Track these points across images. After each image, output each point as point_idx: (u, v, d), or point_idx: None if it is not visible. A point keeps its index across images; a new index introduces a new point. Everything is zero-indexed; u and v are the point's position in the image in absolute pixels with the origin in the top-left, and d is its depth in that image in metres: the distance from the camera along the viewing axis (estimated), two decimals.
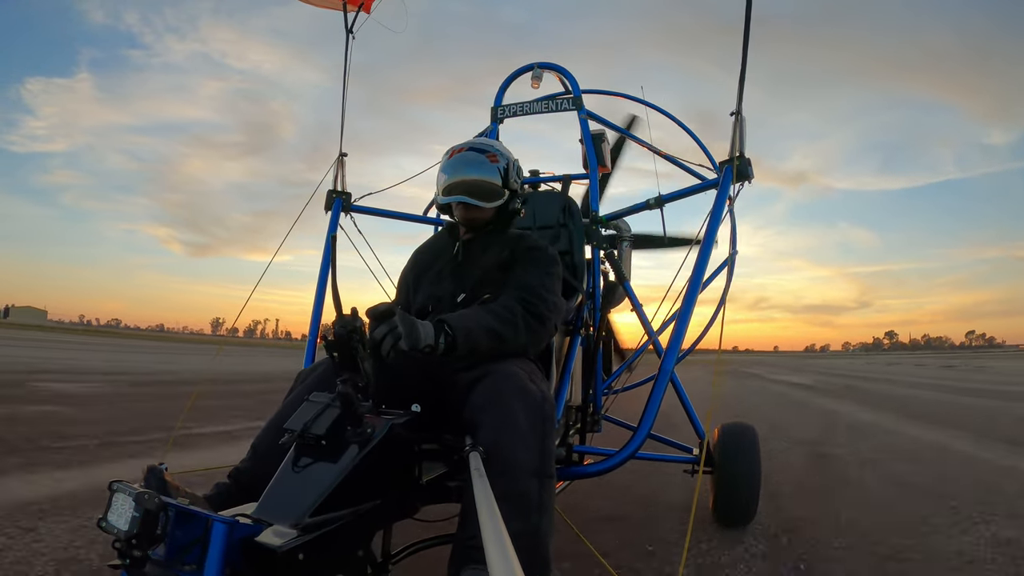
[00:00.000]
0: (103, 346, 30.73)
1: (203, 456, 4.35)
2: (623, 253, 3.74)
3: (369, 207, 3.46)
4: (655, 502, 3.50)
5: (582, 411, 2.76)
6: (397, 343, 1.50)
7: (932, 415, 8.57)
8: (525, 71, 3.50)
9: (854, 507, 3.42)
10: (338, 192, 3.36)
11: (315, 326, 3.07)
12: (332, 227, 3.27)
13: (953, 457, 5.18)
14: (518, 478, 1.47)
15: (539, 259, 2.05)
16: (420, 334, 1.57)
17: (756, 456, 2.94)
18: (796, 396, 12.90)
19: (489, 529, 0.85)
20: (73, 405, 7.04)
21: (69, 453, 4.28)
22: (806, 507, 3.44)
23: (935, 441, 6.06)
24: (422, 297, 2.13)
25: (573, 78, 3.46)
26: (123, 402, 7.85)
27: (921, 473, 4.44)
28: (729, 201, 2.74)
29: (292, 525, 1.16)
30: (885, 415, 8.67)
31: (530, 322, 1.82)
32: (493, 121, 3.46)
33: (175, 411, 6.52)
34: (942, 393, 13.05)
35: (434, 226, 3.70)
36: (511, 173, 2.14)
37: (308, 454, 1.34)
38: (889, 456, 5.21)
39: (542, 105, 3.49)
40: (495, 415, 1.53)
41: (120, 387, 10.01)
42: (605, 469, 2.28)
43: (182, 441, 5.04)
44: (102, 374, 12.51)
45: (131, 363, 17.88)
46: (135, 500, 1.06)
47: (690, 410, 3.16)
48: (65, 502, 3.05)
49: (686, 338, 2.46)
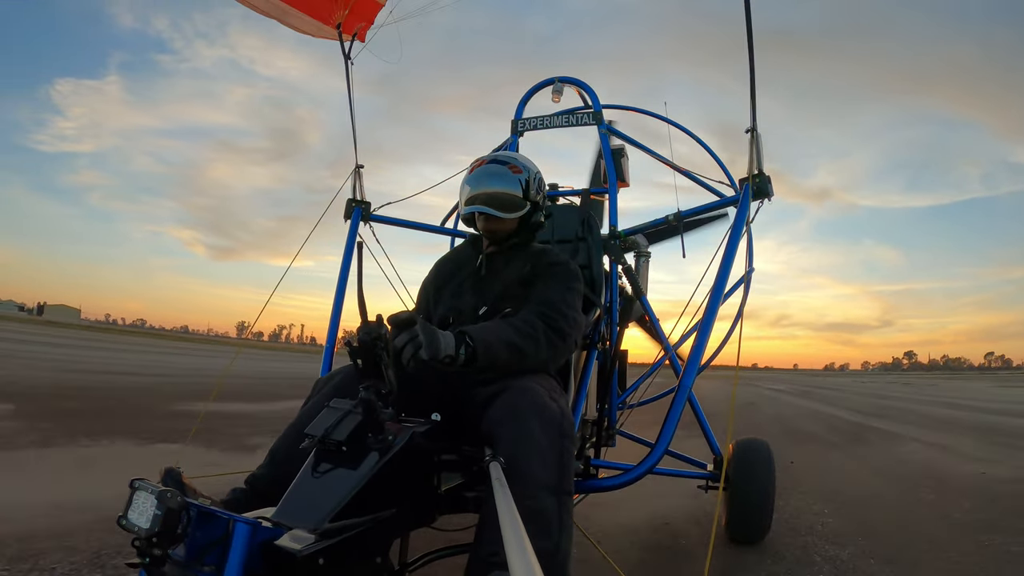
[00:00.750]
0: (168, 348, 31.83)
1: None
2: (641, 268, 3.73)
3: (388, 217, 3.49)
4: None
5: (597, 425, 2.75)
6: (417, 352, 1.50)
7: (836, 403, 17.01)
8: (546, 85, 3.52)
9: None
10: (357, 201, 3.39)
11: (332, 333, 3.08)
12: (352, 235, 3.29)
13: (813, 409, 13.97)
14: (537, 495, 1.45)
15: (561, 274, 2.04)
16: (441, 344, 1.56)
17: (771, 473, 2.91)
18: (779, 398, 18.83)
19: (513, 544, 0.83)
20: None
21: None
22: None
23: (815, 408, 14.54)
24: (443, 309, 2.13)
25: (594, 93, 3.47)
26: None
27: (798, 410, 13.20)
28: (747, 219, 2.73)
29: (312, 530, 1.16)
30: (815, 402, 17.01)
31: (551, 337, 1.82)
32: (513, 134, 3.48)
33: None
34: (865, 397, 21.01)
35: (451, 236, 3.72)
36: (532, 185, 2.14)
37: (328, 460, 1.34)
38: (793, 412, 12.95)
39: (562, 119, 3.50)
40: (513, 431, 1.52)
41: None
42: (622, 483, 2.26)
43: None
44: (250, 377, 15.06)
45: (246, 365, 21.01)
46: (157, 498, 1.06)
47: (705, 426, 3.13)
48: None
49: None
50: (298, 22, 3.50)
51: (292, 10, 3.41)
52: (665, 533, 3.22)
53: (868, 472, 5.48)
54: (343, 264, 3.09)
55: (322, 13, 3.41)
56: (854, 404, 16.10)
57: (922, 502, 4.16)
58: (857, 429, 9.33)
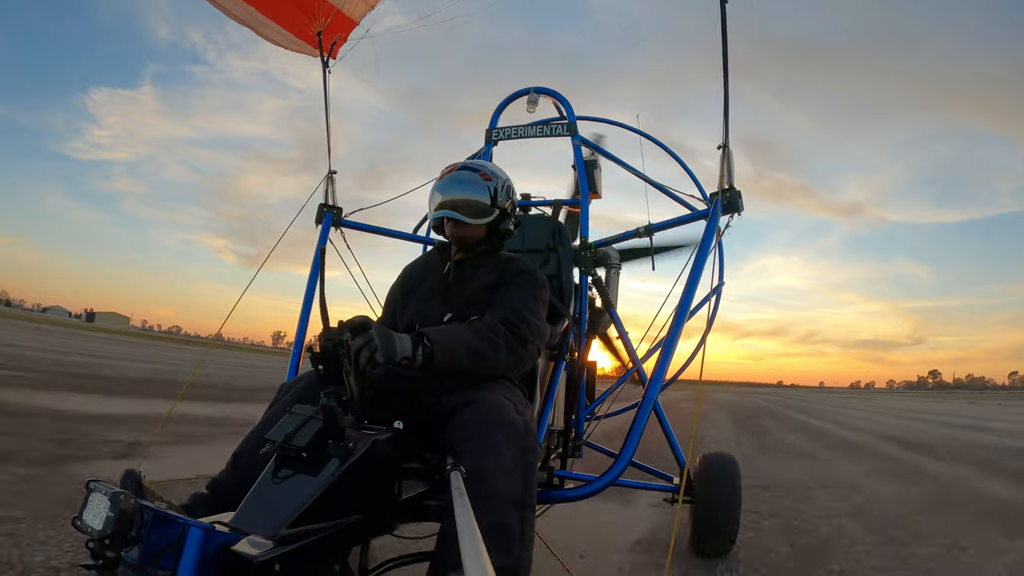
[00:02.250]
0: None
1: None
2: (611, 280, 3.76)
3: (359, 223, 3.47)
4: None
5: (564, 436, 2.76)
6: (374, 355, 1.49)
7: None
8: (521, 95, 3.54)
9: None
10: (329, 206, 3.37)
11: (300, 339, 3.05)
12: (322, 240, 3.27)
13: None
14: (500, 509, 1.46)
15: (527, 282, 2.06)
16: (396, 346, 1.56)
17: (736, 487, 2.94)
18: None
19: (470, 555, 0.84)
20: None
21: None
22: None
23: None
24: (409, 315, 2.13)
25: (568, 104, 3.50)
26: None
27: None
28: (718, 233, 2.77)
29: (269, 536, 1.15)
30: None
31: (512, 343, 1.82)
32: (487, 143, 3.48)
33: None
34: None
35: (423, 244, 3.71)
36: (501, 192, 2.15)
37: (288, 465, 1.33)
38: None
39: (536, 129, 3.52)
40: (478, 444, 1.53)
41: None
42: (586, 494, 2.27)
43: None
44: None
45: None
46: (111, 500, 1.05)
47: (672, 439, 3.16)
48: None
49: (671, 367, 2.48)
50: (274, 34, 3.54)
51: (268, 22, 3.43)
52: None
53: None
54: (312, 269, 3.07)
55: (298, 24, 3.44)
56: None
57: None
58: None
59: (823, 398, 31.76)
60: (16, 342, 19.52)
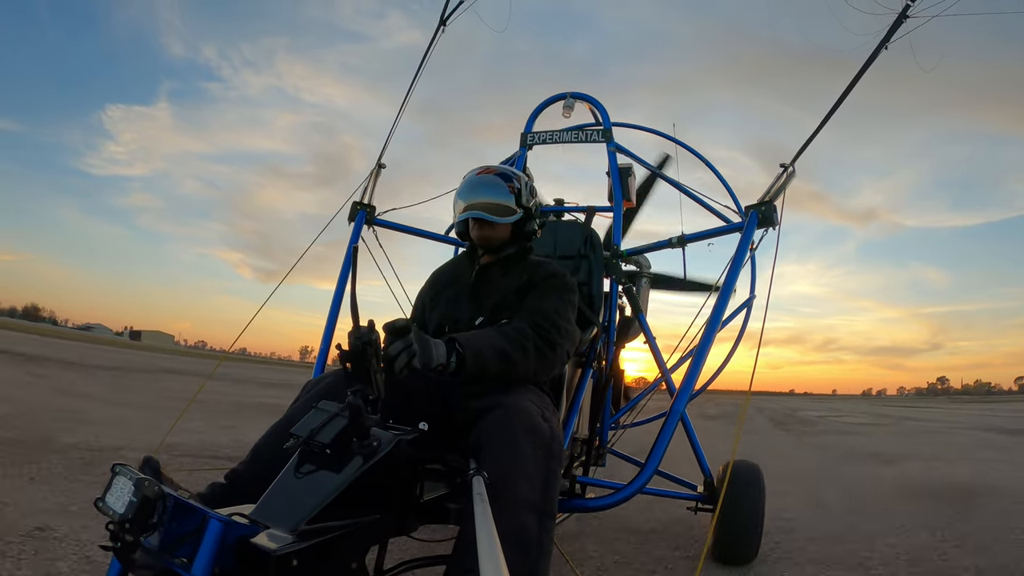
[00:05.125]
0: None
1: None
2: (641, 288, 3.73)
3: (392, 222, 3.49)
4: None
5: (588, 444, 2.74)
6: (411, 360, 1.49)
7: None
8: (557, 99, 3.53)
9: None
10: (363, 204, 3.40)
11: (327, 338, 3.07)
12: (354, 238, 3.29)
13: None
14: (521, 515, 1.45)
15: (556, 286, 2.04)
16: (433, 353, 1.56)
17: (761, 496, 2.89)
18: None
19: (487, 562, 0.84)
20: None
21: None
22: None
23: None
24: (438, 317, 2.13)
25: (604, 110, 3.48)
26: None
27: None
28: (752, 246, 2.73)
29: (289, 530, 1.15)
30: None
31: (541, 347, 1.81)
32: (522, 147, 3.48)
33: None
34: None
35: (455, 246, 3.72)
36: (524, 193, 2.14)
37: (311, 461, 1.33)
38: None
39: (571, 135, 3.51)
40: (502, 448, 1.52)
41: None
42: (610, 504, 2.25)
43: None
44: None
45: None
46: (135, 485, 1.06)
47: (698, 449, 3.12)
48: None
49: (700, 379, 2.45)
50: None
51: None
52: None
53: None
54: (344, 267, 3.09)
55: None
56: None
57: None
58: None
59: (815, 406, 30.83)
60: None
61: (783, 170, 2.65)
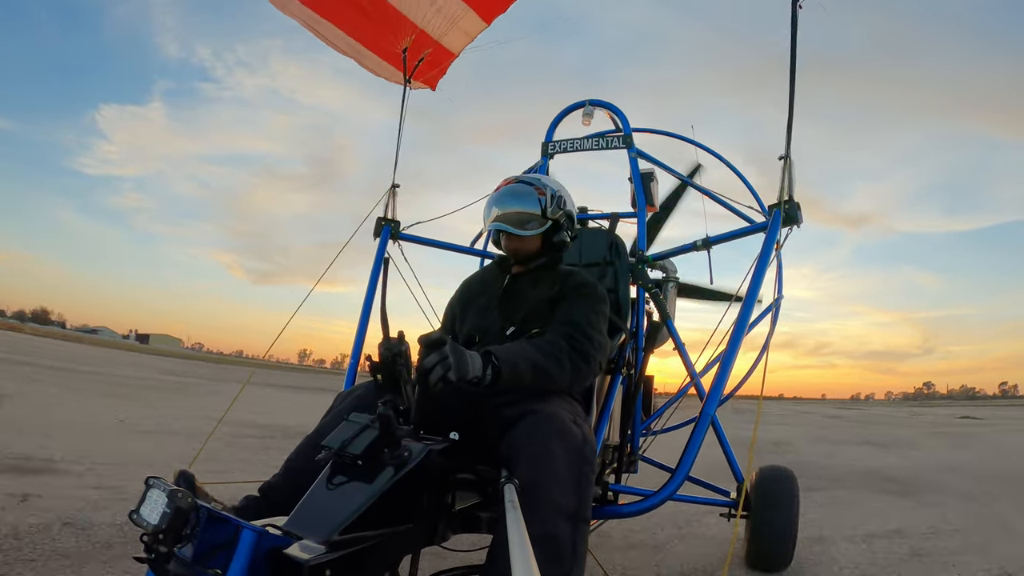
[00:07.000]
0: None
1: None
2: (668, 293, 3.70)
3: (417, 236, 3.51)
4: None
5: (619, 451, 2.72)
6: (446, 373, 1.49)
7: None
8: (577, 107, 3.52)
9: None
10: (387, 220, 3.43)
11: (357, 349, 3.09)
12: (380, 253, 3.32)
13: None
14: (554, 521, 1.44)
15: (588, 296, 2.04)
16: (469, 366, 1.56)
17: (795, 502, 2.84)
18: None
19: (520, 567, 0.83)
20: None
21: None
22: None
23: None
24: (468, 327, 2.13)
25: (624, 116, 3.47)
26: None
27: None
28: (776, 246, 2.69)
29: (321, 541, 1.16)
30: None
31: (575, 359, 1.80)
32: (544, 156, 3.48)
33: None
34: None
35: (480, 258, 3.73)
36: (551, 204, 2.13)
37: (343, 472, 1.34)
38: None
39: (592, 142, 3.50)
40: (534, 455, 1.51)
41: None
42: (641, 510, 2.22)
43: None
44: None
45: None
46: (168, 497, 1.07)
47: (730, 454, 3.07)
48: None
49: (728, 382, 2.42)
50: (371, 64, 3.78)
51: (366, 52, 3.67)
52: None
53: None
54: (370, 282, 3.12)
55: (388, 46, 3.62)
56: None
57: None
58: None
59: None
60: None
61: (783, 162, 2.62)
